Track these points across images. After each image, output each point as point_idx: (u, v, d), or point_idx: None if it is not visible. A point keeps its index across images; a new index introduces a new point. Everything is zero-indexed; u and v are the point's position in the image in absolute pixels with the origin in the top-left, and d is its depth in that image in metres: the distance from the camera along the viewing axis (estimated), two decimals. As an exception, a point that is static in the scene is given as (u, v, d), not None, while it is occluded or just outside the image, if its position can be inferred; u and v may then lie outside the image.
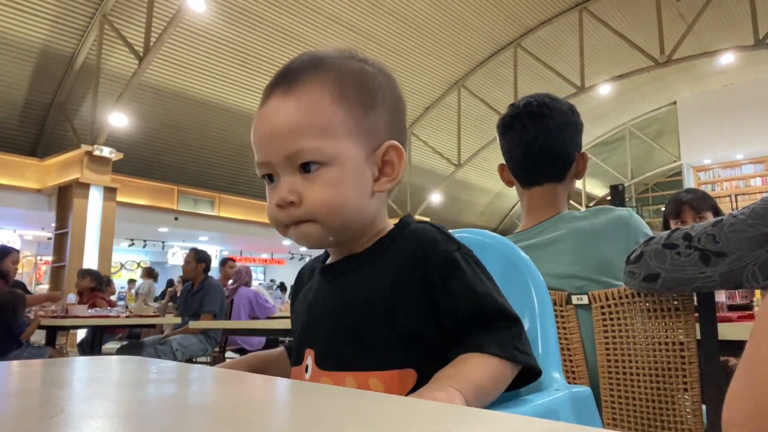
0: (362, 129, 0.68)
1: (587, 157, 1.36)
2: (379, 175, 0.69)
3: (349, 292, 0.69)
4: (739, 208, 0.98)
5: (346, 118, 0.66)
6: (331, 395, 0.44)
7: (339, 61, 0.70)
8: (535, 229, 1.32)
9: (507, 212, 18.25)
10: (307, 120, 0.65)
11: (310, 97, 0.66)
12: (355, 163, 0.67)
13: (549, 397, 0.61)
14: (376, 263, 0.69)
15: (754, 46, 9.61)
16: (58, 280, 8.64)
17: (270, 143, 0.66)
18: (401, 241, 0.70)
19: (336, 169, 0.65)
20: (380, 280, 0.67)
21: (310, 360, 0.69)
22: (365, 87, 0.69)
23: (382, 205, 0.73)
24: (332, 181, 0.65)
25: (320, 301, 0.72)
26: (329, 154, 0.65)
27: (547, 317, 0.75)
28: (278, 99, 0.67)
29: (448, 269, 0.65)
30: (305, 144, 0.64)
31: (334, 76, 0.68)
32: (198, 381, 0.53)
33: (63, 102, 9.51)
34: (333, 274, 0.73)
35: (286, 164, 0.66)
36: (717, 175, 15.79)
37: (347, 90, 0.68)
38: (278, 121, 0.66)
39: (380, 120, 0.70)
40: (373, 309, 0.66)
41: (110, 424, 0.32)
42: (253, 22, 9.63)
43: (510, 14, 11.44)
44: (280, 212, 0.67)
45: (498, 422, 0.34)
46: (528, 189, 1.36)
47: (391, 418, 0.35)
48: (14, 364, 0.66)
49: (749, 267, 0.94)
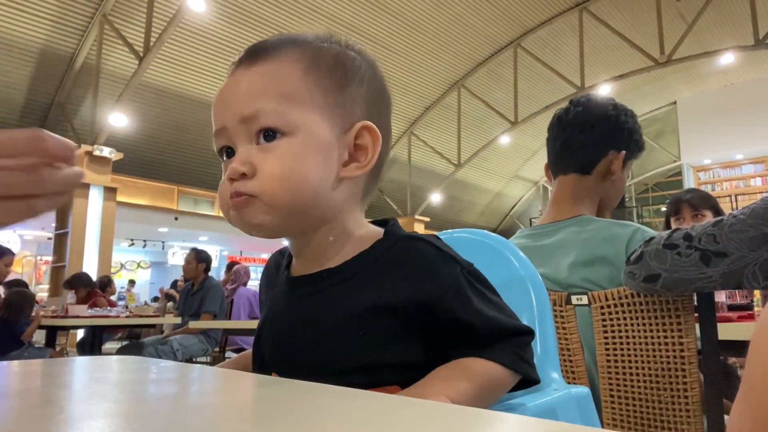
0: (333, 104, 0.61)
1: (623, 158, 1.29)
2: (350, 160, 0.62)
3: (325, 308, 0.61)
4: (740, 208, 0.98)
5: (315, 89, 0.60)
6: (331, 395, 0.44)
7: (315, 41, 0.64)
8: (550, 226, 1.31)
9: (507, 212, 18.25)
10: (269, 85, 0.60)
11: (277, 66, 0.61)
12: (321, 138, 0.59)
13: (548, 398, 0.61)
14: (359, 280, 0.61)
15: (754, 46, 9.61)
16: (58, 280, 8.63)
17: (227, 106, 0.60)
18: (390, 259, 0.61)
19: (297, 140, 0.58)
20: (364, 303, 0.59)
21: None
22: (341, 64, 0.63)
23: (353, 201, 0.64)
24: (291, 153, 0.58)
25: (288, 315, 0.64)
26: (291, 122, 0.58)
27: (545, 318, 0.75)
28: (244, 69, 0.62)
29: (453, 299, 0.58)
30: (264, 105, 0.58)
31: (307, 51, 0.62)
32: (198, 381, 0.53)
33: (63, 102, 9.51)
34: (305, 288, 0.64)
35: (241, 130, 0.59)
36: (717, 175, 15.79)
37: (320, 63, 0.62)
38: (239, 86, 0.61)
39: (357, 101, 0.63)
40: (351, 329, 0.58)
41: (110, 424, 0.32)
42: (253, 22, 9.63)
43: (510, 14, 11.44)
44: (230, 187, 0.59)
45: (497, 422, 0.35)
46: (555, 179, 1.36)
47: (391, 418, 0.35)
48: (14, 364, 0.66)
49: (749, 267, 0.94)
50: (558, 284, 1.23)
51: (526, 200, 18.31)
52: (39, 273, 13.07)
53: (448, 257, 0.61)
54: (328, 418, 0.35)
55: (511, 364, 0.57)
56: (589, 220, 1.27)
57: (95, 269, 8.58)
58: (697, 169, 15.97)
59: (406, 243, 0.63)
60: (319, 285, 0.62)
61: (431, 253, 0.61)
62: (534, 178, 17.62)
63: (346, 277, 0.61)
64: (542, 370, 0.71)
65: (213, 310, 4.66)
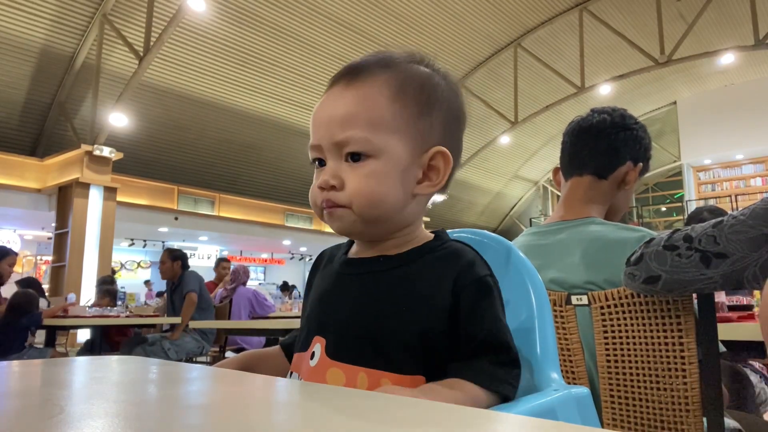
0: (414, 129, 0.69)
1: (639, 170, 1.33)
2: (423, 178, 0.70)
3: (376, 290, 0.69)
4: (740, 209, 0.98)
5: (399, 116, 0.68)
6: (331, 396, 0.44)
7: (406, 63, 0.72)
8: (558, 225, 1.31)
9: (507, 212, 18.25)
10: (361, 111, 0.67)
11: (369, 91, 0.68)
12: (401, 160, 0.68)
13: (547, 398, 0.61)
14: (410, 269, 0.69)
15: (754, 46, 9.61)
16: (58, 280, 8.64)
17: (323, 128, 0.68)
18: (438, 254, 0.70)
19: (380, 162, 0.67)
20: (411, 287, 0.67)
21: (318, 348, 0.68)
22: (425, 90, 0.70)
23: (421, 211, 0.73)
24: (375, 173, 0.66)
25: (341, 291, 0.72)
26: (376, 146, 0.66)
27: (545, 318, 0.75)
28: (340, 89, 0.69)
29: (480, 292, 0.66)
30: (355, 134, 0.66)
31: (398, 76, 0.70)
32: (198, 381, 0.53)
33: (63, 102, 9.51)
34: (360, 268, 0.72)
35: (334, 150, 0.67)
36: (717, 175, 15.80)
37: (407, 89, 0.69)
38: (335, 109, 0.68)
39: (435, 126, 0.70)
40: (397, 312, 0.66)
41: (110, 424, 0.33)
42: (253, 22, 9.63)
43: (510, 14, 11.44)
44: (320, 194, 0.68)
45: (497, 422, 0.35)
46: (568, 180, 1.36)
47: (390, 418, 0.35)
48: (14, 364, 0.66)
49: (750, 268, 0.94)
50: (561, 284, 1.22)
51: (526, 200, 18.31)
52: (39, 273, 13.07)
53: (485, 263, 0.70)
54: (328, 418, 0.35)
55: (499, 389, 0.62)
56: (598, 222, 1.27)
57: (95, 269, 8.58)
58: (697, 169, 15.98)
59: (454, 244, 0.71)
60: (372, 267, 0.71)
61: (472, 254, 0.69)
62: (534, 178, 17.62)
63: (397, 265, 0.70)
64: (542, 371, 0.72)
65: (192, 289, 4.65)
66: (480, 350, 0.64)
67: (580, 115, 1.39)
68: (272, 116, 11.59)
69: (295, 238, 14.06)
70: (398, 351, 0.64)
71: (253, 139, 11.81)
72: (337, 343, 0.67)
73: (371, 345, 0.65)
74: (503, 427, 0.33)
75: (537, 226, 1.37)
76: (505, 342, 0.65)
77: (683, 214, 15.65)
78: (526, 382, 0.71)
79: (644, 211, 16.84)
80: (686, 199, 15.63)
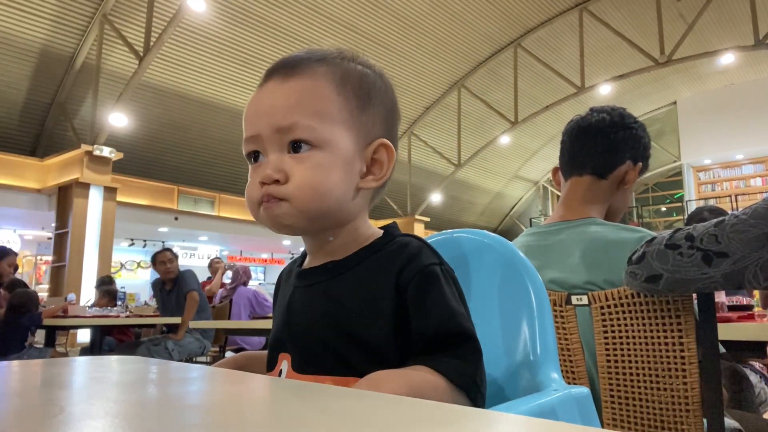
0: (357, 122, 0.68)
1: (638, 170, 1.33)
2: (367, 172, 0.69)
3: (328, 298, 0.67)
4: (741, 209, 0.98)
5: (343, 108, 0.67)
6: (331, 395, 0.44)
7: (341, 59, 0.71)
8: (558, 225, 1.31)
9: (507, 212, 18.25)
10: (305, 100, 0.66)
11: (311, 83, 0.67)
12: (346, 152, 0.67)
13: (547, 398, 0.61)
14: (356, 272, 0.68)
15: (754, 46, 9.61)
16: (58, 280, 8.64)
17: (263, 117, 0.66)
18: (385, 252, 0.68)
19: (326, 153, 0.65)
20: (358, 290, 0.66)
21: (285, 364, 0.68)
22: (364, 86, 0.70)
23: (364, 206, 0.72)
24: (320, 165, 0.64)
25: (297, 305, 0.71)
26: (322, 137, 0.65)
27: (545, 318, 0.75)
28: (277, 82, 0.68)
29: (425, 281, 0.64)
30: (300, 120, 0.64)
31: (335, 70, 0.69)
32: (198, 381, 0.53)
33: (63, 102, 9.51)
34: (311, 279, 0.71)
35: (275, 139, 0.65)
36: (717, 175, 15.80)
37: (347, 83, 0.69)
38: (276, 98, 0.67)
39: (375, 119, 0.70)
40: (350, 317, 0.65)
41: (110, 424, 0.32)
42: (253, 22, 9.63)
43: (510, 14, 11.44)
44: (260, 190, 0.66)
45: (497, 422, 0.35)
46: (568, 180, 1.36)
47: (388, 418, 0.35)
48: (14, 364, 0.66)
49: (751, 268, 0.94)
50: (561, 284, 1.22)
51: (526, 200, 18.31)
52: (39, 273, 13.08)
53: (433, 252, 0.68)
54: (327, 418, 0.35)
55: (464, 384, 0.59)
56: (598, 223, 1.27)
57: (95, 269, 8.58)
58: (697, 169, 15.98)
59: (401, 239, 0.70)
60: (322, 276, 0.70)
61: (417, 245, 0.68)
62: (534, 178, 17.62)
63: (345, 270, 0.68)
64: (542, 371, 0.72)
65: (193, 287, 4.64)
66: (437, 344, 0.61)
67: (580, 114, 1.39)
68: (272, 116, 11.58)
69: (295, 238, 14.00)
70: (359, 355, 0.63)
71: (253, 139, 11.80)
72: (301, 357, 0.67)
73: (333, 354, 0.64)
74: (503, 427, 0.33)
75: (537, 227, 1.37)
76: (462, 331, 0.62)
77: (683, 214, 15.65)
78: (527, 382, 0.71)
79: (644, 211, 16.84)
80: (686, 199, 15.63)
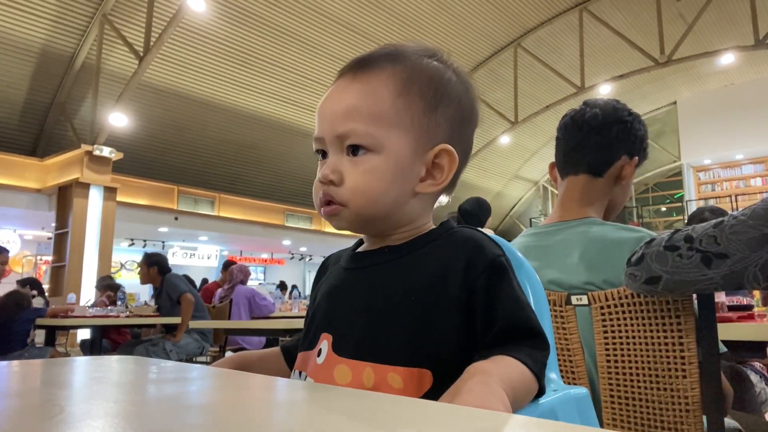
0: (419, 126, 0.67)
1: (635, 164, 1.30)
2: (426, 176, 0.68)
3: (381, 281, 0.67)
4: (740, 209, 0.98)
5: (403, 111, 0.66)
6: (330, 395, 0.44)
7: (416, 57, 0.70)
8: (556, 226, 1.30)
9: (507, 212, 18.25)
10: (364, 104, 0.66)
11: (374, 84, 0.67)
12: (402, 157, 0.66)
13: (546, 398, 0.61)
14: (415, 257, 0.67)
15: (754, 46, 9.61)
16: (58, 280, 8.63)
17: (327, 120, 0.68)
18: (445, 240, 0.68)
19: (381, 158, 0.65)
20: (417, 276, 0.65)
21: (325, 344, 0.66)
22: (433, 85, 0.69)
23: (426, 208, 0.71)
24: (374, 169, 0.65)
25: (346, 286, 0.70)
26: (378, 141, 0.65)
27: (544, 318, 0.75)
28: (346, 81, 0.68)
29: (496, 273, 0.63)
30: (357, 127, 0.65)
31: (405, 69, 0.68)
32: (198, 381, 0.53)
33: (63, 102, 9.51)
34: (366, 261, 0.71)
35: (336, 143, 0.67)
36: (717, 175, 15.79)
37: (414, 84, 0.67)
38: (338, 102, 0.67)
39: (441, 123, 0.69)
40: (403, 303, 0.64)
41: (110, 424, 0.33)
42: (253, 22, 9.63)
43: (510, 14, 11.44)
44: (321, 188, 0.67)
45: (497, 422, 0.35)
46: (564, 179, 1.35)
47: (389, 418, 0.35)
48: (14, 364, 0.66)
49: (750, 268, 0.94)
50: (561, 285, 1.22)
51: (526, 200, 18.31)
52: (39, 273, 13.07)
53: (495, 243, 0.68)
54: (327, 418, 0.35)
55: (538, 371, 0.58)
56: (597, 223, 1.26)
57: (95, 269, 8.57)
58: (697, 169, 15.98)
59: (461, 230, 0.69)
60: (378, 259, 0.69)
61: (480, 236, 0.67)
62: (534, 178, 17.62)
63: (403, 254, 0.68)
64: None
65: (184, 290, 4.60)
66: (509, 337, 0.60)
67: (574, 108, 1.37)
68: (272, 116, 11.59)
69: (295, 238, 14.05)
70: (402, 344, 0.62)
71: (253, 139, 11.81)
72: (344, 339, 0.65)
73: (377, 339, 0.63)
74: (503, 427, 0.33)
75: (536, 227, 1.36)
76: (534, 325, 0.61)
77: (683, 214, 15.65)
78: (526, 382, 0.71)
79: (644, 211, 16.83)
80: (686, 199, 15.63)
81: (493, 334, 0.61)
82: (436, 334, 0.62)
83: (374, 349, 0.62)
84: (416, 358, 0.61)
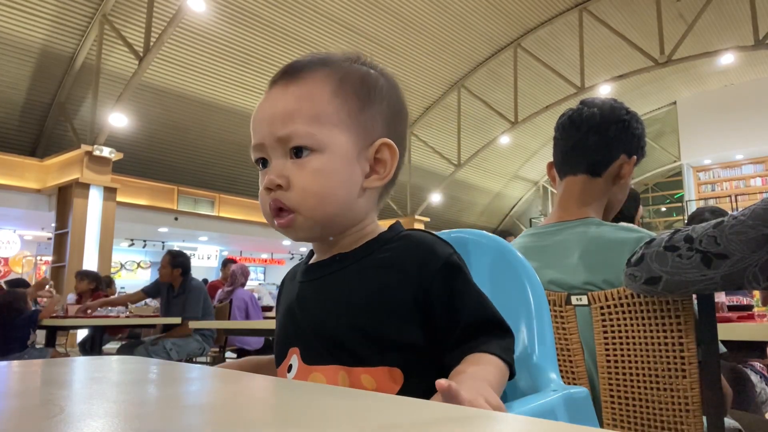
0: (357, 123, 0.69)
1: (633, 163, 1.30)
2: (371, 172, 0.70)
3: (336, 290, 0.68)
4: (740, 209, 0.98)
5: (341, 110, 0.68)
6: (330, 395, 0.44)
7: (343, 61, 0.72)
8: (556, 226, 1.30)
9: (507, 212, 18.25)
10: (303, 107, 0.67)
11: (309, 87, 0.68)
12: (346, 154, 0.67)
13: (546, 398, 0.61)
14: (365, 263, 0.68)
15: (754, 46, 9.61)
16: (58, 280, 8.63)
17: (265, 126, 0.68)
18: (395, 244, 0.69)
19: (326, 157, 0.66)
20: (369, 282, 0.66)
21: (295, 358, 0.68)
22: (365, 85, 0.71)
23: (372, 206, 0.73)
24: (321, 169, 0.66)
25: (305, 298, 0.71)
26: (320, 141, 0.66)
27: (543, 318, 0.75)
28: (280, 88, 0.69)
29: (450, 273, 0.65)
30: (298, 128, 0.66)
31: (336, 73, 0.70)
32: (198, 381, 0.53)
33: (63, 102, 9.51)
34: (319, 272, 0.72)
35: (277, 147, 0.67)
36: (717, 175, 15.79)
37: (346, 85, 0.69)
38: (276, 106, 0.68)
39: (377, 118, 0.71)
40: (359, 309, 0.65)
41: (110, 424, 0.33)
42: (253, 22, 9.63)
43: (510, 14, 11.44)
44: (268, 196, 0.68)
45: (497, 422, 0.35)
46: (563, 179, 1.35)
47: (387, 418, 0.35)
48: (14, 364, 0.66)
49: (750, 269, 0.94)
50: (560, 285, 1.22)
51: (526, 200, 18.31)
52: (39, 273, 13.07)
53: (445, 242, 0.69)
54: (327, 418, 0.35)
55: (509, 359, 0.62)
56: (596, 223, 1.26)
57: (95, 269, 8.57)
58: (697, 169, 15.98)
59: (408, 233, 0.72)
60: (330, 269, 0.70)
61: (429, 237, 0.70)
62: (534, 178, 17.61)
63: (353, 261, 0.69)
64: (541, 371, 0.72)
65: (195, 315, 4.58)
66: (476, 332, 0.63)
67: (571, 108, 1.37)
68: (272, 116, 11.58)
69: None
70: (369, 346, 0.64)
71: (253, 139, 11.81)
72: (311, 349, 0.67)
73: (342, 345, 0.65)
74: (502, 428, 0.33)
75: (535, 228, 1.36)
76: (495, 315, 0.65)
77: (683, 214, 15.65)
78: (525, 382, 0.71)
79: (644, 211, 16.83)
80: (686, 199, 15.63)
81: (460, 330, 0.63)
82: (400, 334, 0.64)
83: (342, 354, 0.65)
84: (385, 358, 0.63)
